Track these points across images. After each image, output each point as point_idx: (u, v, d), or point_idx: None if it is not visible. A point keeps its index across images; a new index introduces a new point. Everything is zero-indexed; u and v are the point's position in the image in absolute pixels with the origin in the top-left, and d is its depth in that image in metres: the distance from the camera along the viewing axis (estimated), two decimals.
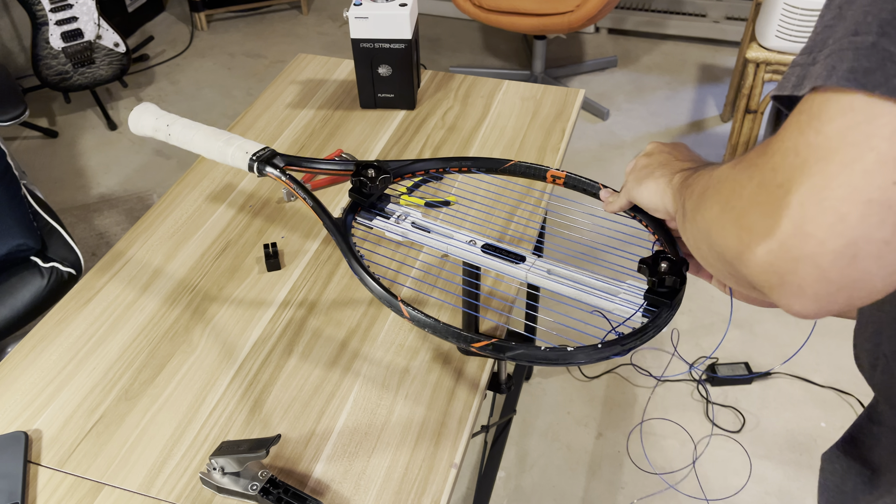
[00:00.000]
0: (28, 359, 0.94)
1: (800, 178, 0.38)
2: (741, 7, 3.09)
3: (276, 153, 0.90)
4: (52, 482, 0.81)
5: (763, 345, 1.94)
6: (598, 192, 0.84)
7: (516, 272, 0.76)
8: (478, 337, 0.66)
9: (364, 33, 1.27)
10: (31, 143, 2.77)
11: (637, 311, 0.70)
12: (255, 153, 0.89)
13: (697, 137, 2.66)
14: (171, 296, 1.02)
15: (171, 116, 0.97)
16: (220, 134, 0.93)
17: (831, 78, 0.38)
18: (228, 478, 0.77)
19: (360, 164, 0.85)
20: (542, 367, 1.91)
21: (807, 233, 0.38)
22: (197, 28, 3.44)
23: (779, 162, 0.40)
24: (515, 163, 0.90)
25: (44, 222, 1.56)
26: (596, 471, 1.69)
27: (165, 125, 0.96)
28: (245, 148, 0.90)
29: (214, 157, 0.92)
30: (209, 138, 0.92)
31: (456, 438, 0.84)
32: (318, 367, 0.92)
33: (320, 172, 0.94)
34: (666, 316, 0.68)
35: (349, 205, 0.84)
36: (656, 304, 0.69)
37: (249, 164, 0.89)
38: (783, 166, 0.39)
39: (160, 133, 0.97)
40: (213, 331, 0.97)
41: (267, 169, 0.88)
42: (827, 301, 0.39)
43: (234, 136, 0.92)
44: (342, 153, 1.26)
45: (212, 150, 0.92)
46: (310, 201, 0.83)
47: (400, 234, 0.82)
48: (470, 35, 3.35)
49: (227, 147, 0.90)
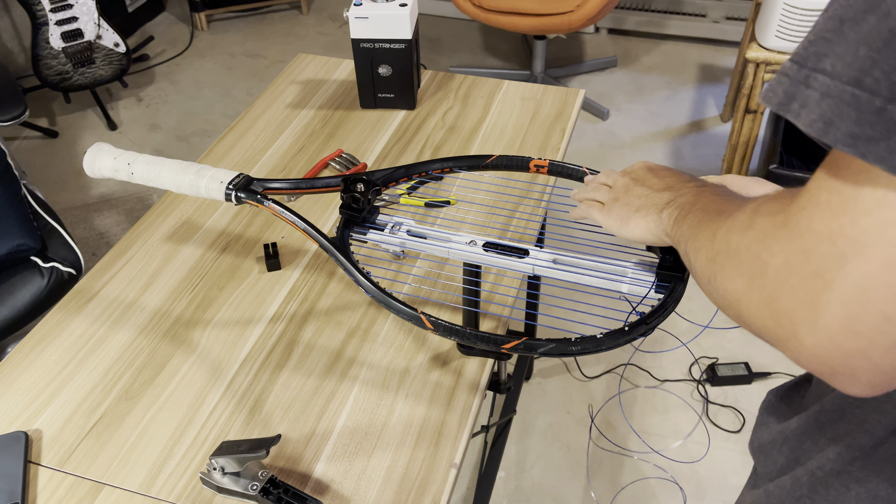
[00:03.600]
0: (28, 359, 0.94)
1: (839, 272, 0.37)
2: (741, 7, 3.09)
3: (252, 179, 0.86)
4: (52, 482, 0.81)
5: (763, 345, 1.94)
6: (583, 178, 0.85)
7: (522, 266, 0.77)
8: (508, 338, 0.67)
9: (364, 33, 1.27)
10: (31, 143, 2.77)
11: (651, 288, 0.71)
12: (230, 182, 0.85)
13: (697, 137, 2.66)
14: (172, 296, 1.02)
15: (130, 154, 0.90)
16: (189, 166, 0.88)
17: (828, 134, 0.36)
18: (228, 478, 0.77)
19: (347, 180, 0.83)
20: (542, 368, 1.92)
21: (855, 331, 0.37)
22: (197, 28, 3.44)
23: (810, 246, 0.38)
24: (497, 157, 0.90)
25: (44, 222, 1.56)
26: (596, 471, 1.69)
27: (126, 164, 0.89)
28: (219, 178, 0.85)
29: (186, 192, 0.87)
30: (177, 173, 0.87)
31: (456, 438, 0.84)
32: (318, 367, 0.92)
33: (303, 192, 0.90)
34: (680, 289, 0.69)
35: (342, 221, 0.82)
36: (667, 279, 0.71)
37: (226, 195, 0.85)
38: (816, 253, 0.38)
39: (121, 173, 0.90)
40: (213, 331, 0.97)
41: (247, 197, 0.84)
42: (883, 385, 0.39)
43: (204, 167, 0.87)
44: (342, 153, 1.26)
45: (182, 185, 0.87)
46: (301, 224, 0.81)
47: (397, 244, 0.82)
48: (470, 35, 3.35)
49: (199, 179, 0.85)
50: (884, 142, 0.34)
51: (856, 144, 0.35)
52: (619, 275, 0.74)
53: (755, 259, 0.42)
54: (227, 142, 1.31)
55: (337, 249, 0.77)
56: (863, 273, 0.36)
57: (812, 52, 0.38)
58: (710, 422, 1.78)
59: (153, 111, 2.92)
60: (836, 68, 0.36)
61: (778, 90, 0.39)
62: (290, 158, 1.26)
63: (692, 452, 1.71)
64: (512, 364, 1.72)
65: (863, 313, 0.36)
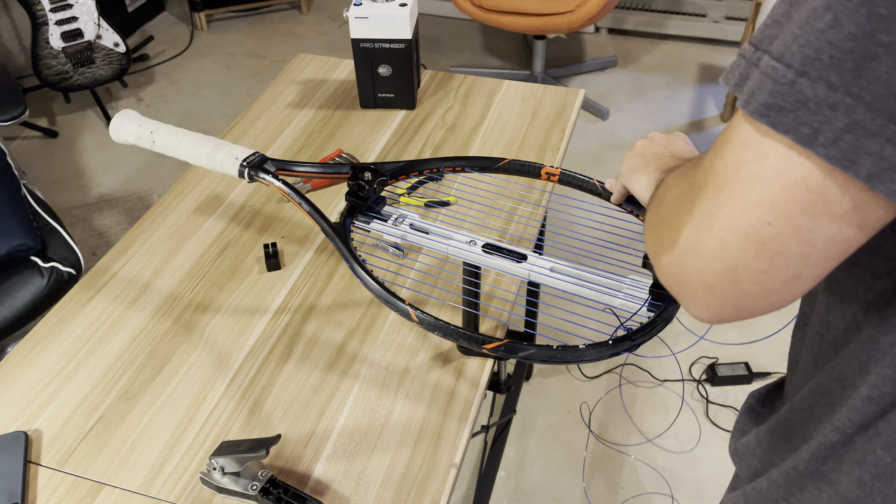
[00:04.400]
0: (28, 359, 0.94)
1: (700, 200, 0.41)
2: (741, 7, 3.09)
3: (266, 158, 0.88)
4: (52, 482, 0.81)
5: (763, 345, 1.94)
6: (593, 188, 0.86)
7: (519, 270, 0.76)
8: (490, 339, 0.66)
9: (364, 33, 1.27)
10: (31, 143, 2.77)
11: (643, 305, 0.70)
12: (245, 158, 0.87)
13: (697, 137, 2.66)
14: (172, 296, 1.02)
15: (154, 123, 0.93)
16: (208, 140, 0.90)
17: (749, 105, 0.38)
18: (228, 478, 0.77)
19: (356, 167, 0.84)
20: (542, 367, 1.91)
21: (697, 252, 0.41)
22: (197, 28, 3.44)
23: (697, 179, 0.42)
24: (510, 161, 0.90)
25: (44, 222, 1.56)
26: (596, 471, 1.69)
27: (149, 132, 0.92)
28: (235, 154, 0.87)
29: (202, 164, 0.90)
30: (196, 145, 0.89)
31: (456, 438, 0.84)
32: (318, 367, 0.92)
33: (314, 176, 0.93)
34: (672, 309, 0.68)
35: (346, 208, 0.83)
36: (661, 298, 0.70)
37: (240, 170, 0.87)
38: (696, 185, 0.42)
39: (143, 140, 0.92)
40: (213, 331, 0.97)
41: (259, 174, 0.86)
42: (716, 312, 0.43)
43: (222, 142, 0.89)
44: (342, 153, 1.26)
45: (199, 157, 0.89)
46: (306, 206, 0.82)
47: (398, 236, 0.82)
48: (470, 35, 3.35)
49: (216, 153, 0.88)
50: (792, 113, 0.36)
51: (767, 115, 0.37)
52: (613, 289, 0.73)
53: (664, 193, 0.48)
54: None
55: (337, 235, 0.78)
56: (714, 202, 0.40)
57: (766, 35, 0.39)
58: (709, 422, 1.78)
59: (153, 111, 2.92)
60: (777, 48, 0.38)
61: (735, 72, 0.41)
62: (289, 158, 1.26)
63: (691, 452, 1.71)
64: (512, 364, 1.72)
65: (706, 237, 0.40)
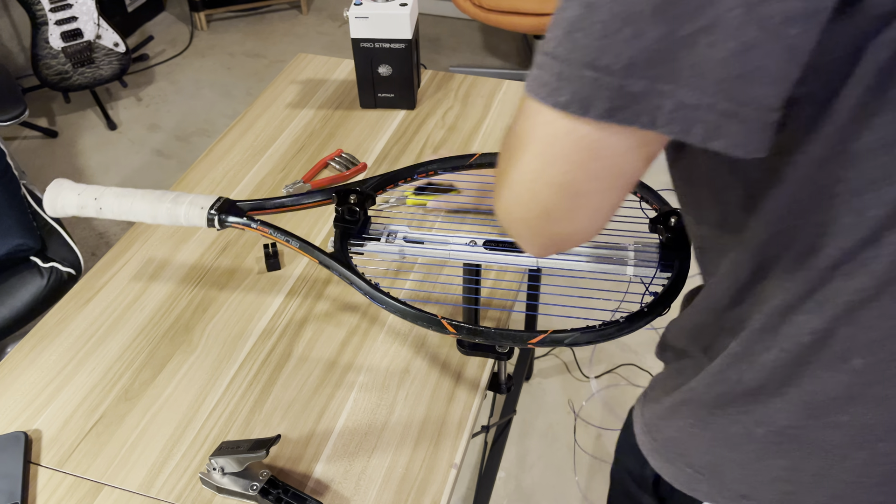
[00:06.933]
0: (28, 359, 0.94)
1: (512, 158, 0.48)
2: None
3: (233, 201, 0.82)
4: (52, 482, 0.81)
5: None
6: None
7: (526, 261, 0.78)
8: (533, 334, 0.68)
9: (364, 33, 1.27)
10: (31, 143, 2.76)
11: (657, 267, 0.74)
12: (211, 206, 0.80)
13: None
14: (171, 296, 1.02)
15: (96, 188, 0.83)
16: (164, 195, 0.82)
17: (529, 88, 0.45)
18: (228, 478, 0.77)
19: (340, 192, 0.82)
20: (542, 367, 1.92)
21: (518, 201, 0.48)
22: (197, 28, 3.44)
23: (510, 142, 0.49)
24: (480, 155, 0.90)
25: (43, 222, 1.56)
26: (596, 471, 1.69)
27: (93, 199, 0.82)
28: (198, 203, 0.80)
29: (163, 222, 0.82)
30: (152, 203, 0.81)
31: (456, 439, 0.84)
32: (318, 367, 0.92)
33: (293, 209, 0.86)
34: (687, 266, 0.72)
35: (338, 235, 0.81)
36: (670, 258, 0.73)
37: (209, 220, 0.80)
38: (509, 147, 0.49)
39: (88, 209, 0.83)
40: (213, 331, 0.97)
41: (230, 219, 0.80)
42: (543, 247, 0.51)
43: (180, 194, 0.82)
44: (342, 153, 1.26)
45: (159, 215, 0.81)
46: (295, 243, 0.78)
47: (396, 252, 0.81)
48: (470, 35, 3.35)
49: (177, 207, 0.80)
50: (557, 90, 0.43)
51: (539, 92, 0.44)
52: (622, 259, 0.76)
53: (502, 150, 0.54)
54: (227, 142, 1.31)
55: (339, 263, 0.76)
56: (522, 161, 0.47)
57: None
58: None
59: (153, 111, 2.92)
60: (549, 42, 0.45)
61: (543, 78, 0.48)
62: (289, 158, 1.26)
63: None
64: (512, 364, 1.72)
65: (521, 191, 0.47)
